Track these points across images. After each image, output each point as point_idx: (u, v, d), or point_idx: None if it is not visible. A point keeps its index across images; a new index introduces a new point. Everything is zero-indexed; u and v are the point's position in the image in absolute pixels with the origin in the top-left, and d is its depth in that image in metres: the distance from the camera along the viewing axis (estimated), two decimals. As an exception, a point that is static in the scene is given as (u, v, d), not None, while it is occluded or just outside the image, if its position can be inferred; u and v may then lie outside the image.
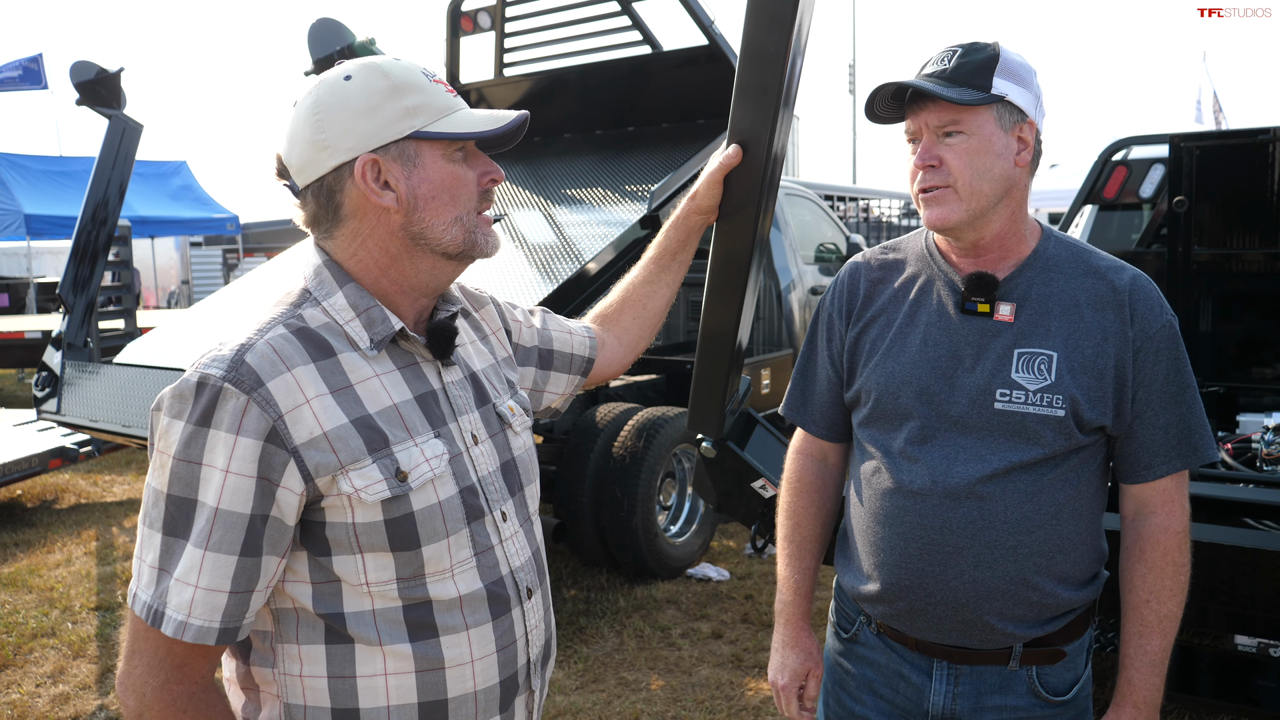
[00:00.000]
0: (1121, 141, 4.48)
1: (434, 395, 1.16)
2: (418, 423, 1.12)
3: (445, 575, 1.12)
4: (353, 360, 1.10)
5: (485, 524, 1.17)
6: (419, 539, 1.09)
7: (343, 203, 1.12)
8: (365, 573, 1.08)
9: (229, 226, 14.14)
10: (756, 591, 4.46)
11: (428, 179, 1.12)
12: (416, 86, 1.12)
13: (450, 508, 1.12)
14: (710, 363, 2.15)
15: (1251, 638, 2.39)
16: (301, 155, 1.11)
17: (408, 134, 1.10)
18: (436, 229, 1.13)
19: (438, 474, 1.12)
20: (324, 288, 1.14)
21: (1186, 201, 3.45)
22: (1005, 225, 1.42)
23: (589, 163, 5.49)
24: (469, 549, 1.14)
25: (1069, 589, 1.43)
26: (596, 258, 4.27)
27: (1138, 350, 1.38)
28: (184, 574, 1.01)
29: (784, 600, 1.68)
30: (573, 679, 3.64)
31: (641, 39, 5.46)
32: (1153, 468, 1.42)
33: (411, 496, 1.09)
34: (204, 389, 1.02)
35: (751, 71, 1.84)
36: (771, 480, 2.46)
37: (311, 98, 1.12)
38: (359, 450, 1.06)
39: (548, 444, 4.64)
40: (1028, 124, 1.39)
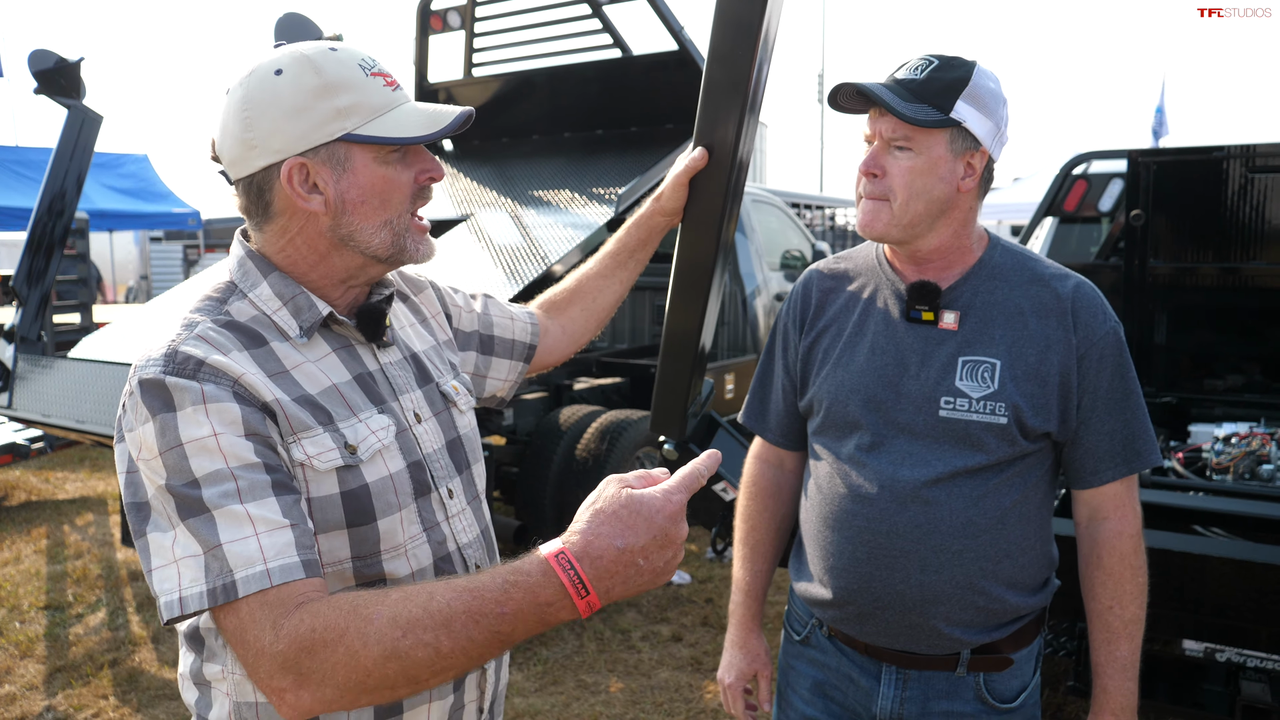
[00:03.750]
0: (1082, 156, 4.56)
1: (371, 375, 1.15)
2: (359, 401, 1.12)
3: (399, 552, 1.11)
4: (285, 349, 1.09)
5: (432, 500, 1.16)
6: (374, 512, 1.08)
7: (271, 201, 1.10)
8: (319, 554, 1.04)
9: (190, 222, 13.91)
10: (717, 595, 4.47)
11: (356, 184, 1.09)
12: (350, 84, 1.07)
13: (400, 480, 1.12)
14: (673, 365, 2.16)
15: (1199, 642, 2.43)
16: (231, 151, 1.09)
17: (338, 136, 1.07)
18: (365, 233, 1.11)
19: (385, 445, 1.11)
20: (248, 279, 1.12)
21: (1144, 215, 3.52)
22: (945, 240, 1.43)
23: (556, 165, 5.48)
24: (418, 524, 1.14)
25: (1017, 594, 1.44)
26: (562, 260, 4.27)
27: (1081, 357, 1.40)
28: (234, 536, 0.95)
29: (736, 601, 1.69)
30: (532, 681, 3.63)
31: (612, 42, 5.47)
32: (1099, 473, 1.44)
33: (363, 468, 1.08)
34: (150, 386, 0.99)
35: (718, 76, 1.85)
36: (732, 483, 2.47)
37: (241, 90, 1.08)
38: (307, 419, 1.05)
39: (510, 446, 4.63)
40: (980, 152, 1.39)
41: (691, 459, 2.49)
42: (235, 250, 1.16)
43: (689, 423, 2.38)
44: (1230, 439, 3.07)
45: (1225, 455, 2.96)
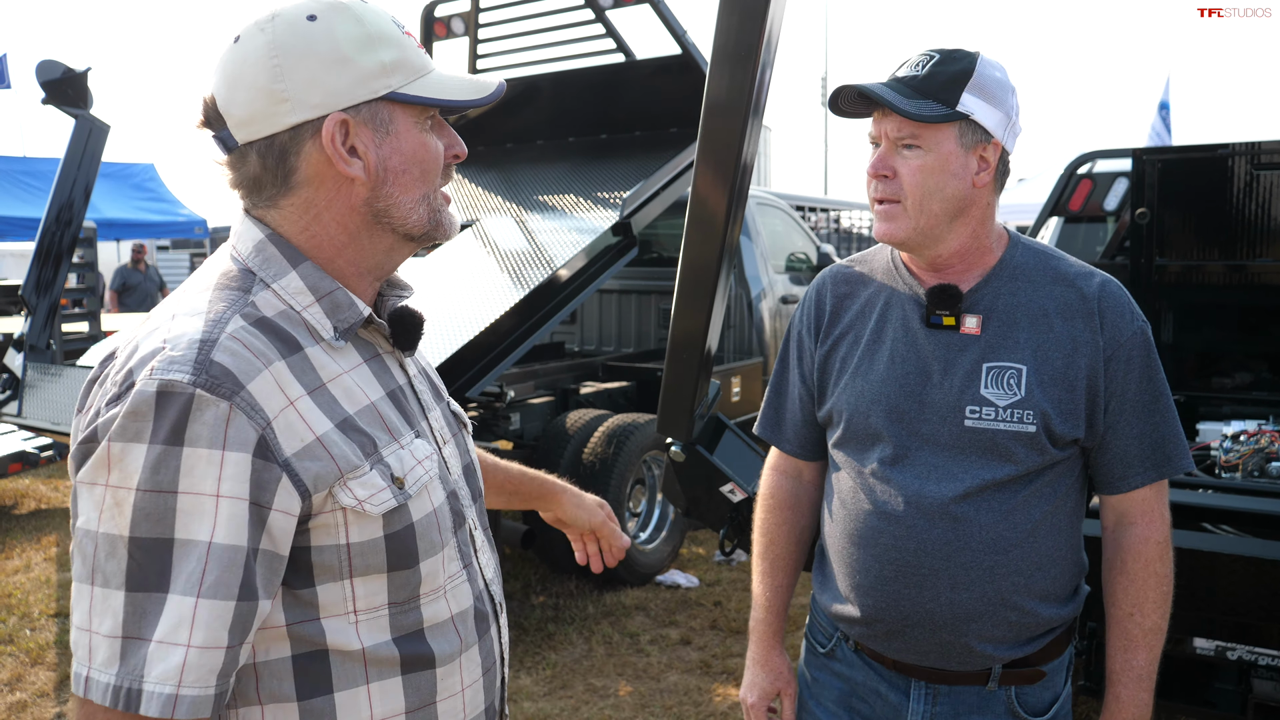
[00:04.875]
0: (1086, 155, 4.55)
1: (402, 391, 1.02)
2: (397, 422, 0.98)
3: (439, 594, 0.99)
4: (319, 355, 0.93)
5: (465, 531, 1.05)
6: (418, 554, 0.95)
7: (297, 167, 0.93)
8: (354, 600, 0.92)
9: (196, 230, 13.96)
10: (725, 598, 4.46)
11: (400, 149, 0.95)
12: (392, 39, 0.95)
13: (442, 515, 0.99)
14: (679, 367, 2.16)
15: (1210, 641, 2.43)
16: (250, 105, 0.91)
17: (382, 94, 0.93)
18: (403, 206, 0.97)
19: (432, 477, 0.99)
20: (271, 267, 0.94)
21: (1149, 213, 3.51)
22: (965, 241, 1.38)
23: (561, 169, 5.50)
24: (458, 561, 1.02)
25: (1049, 607, 1.40)
26: (568, 264, 4.28)
27: (1109, 359, 1.35)
28: (169, 634, 0.80)
29: (756, 618, 1.64)
30: (541, 685, 3.63)
31: (615, 47, 5.48)
32: (1128, 478, 1.39)
33: (411, 505, 0.95)
34: (169, 400, 0.81)
35: (721, 81, 1.86)
36: (740, 484, 2.48)
37: (265, 37, 0.91)
38: (355, 456, 0.91)
39: (517, 450, 4.63)
40: (992, 144, 1.34)
41: (699, 460, 2.50)
42: (248, 231, 0.97)
43: (696, 424, 2.39)
44: (1239, 436, 3.05)
45: (1234, 453, 2.95)
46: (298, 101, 0.91)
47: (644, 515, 4.84)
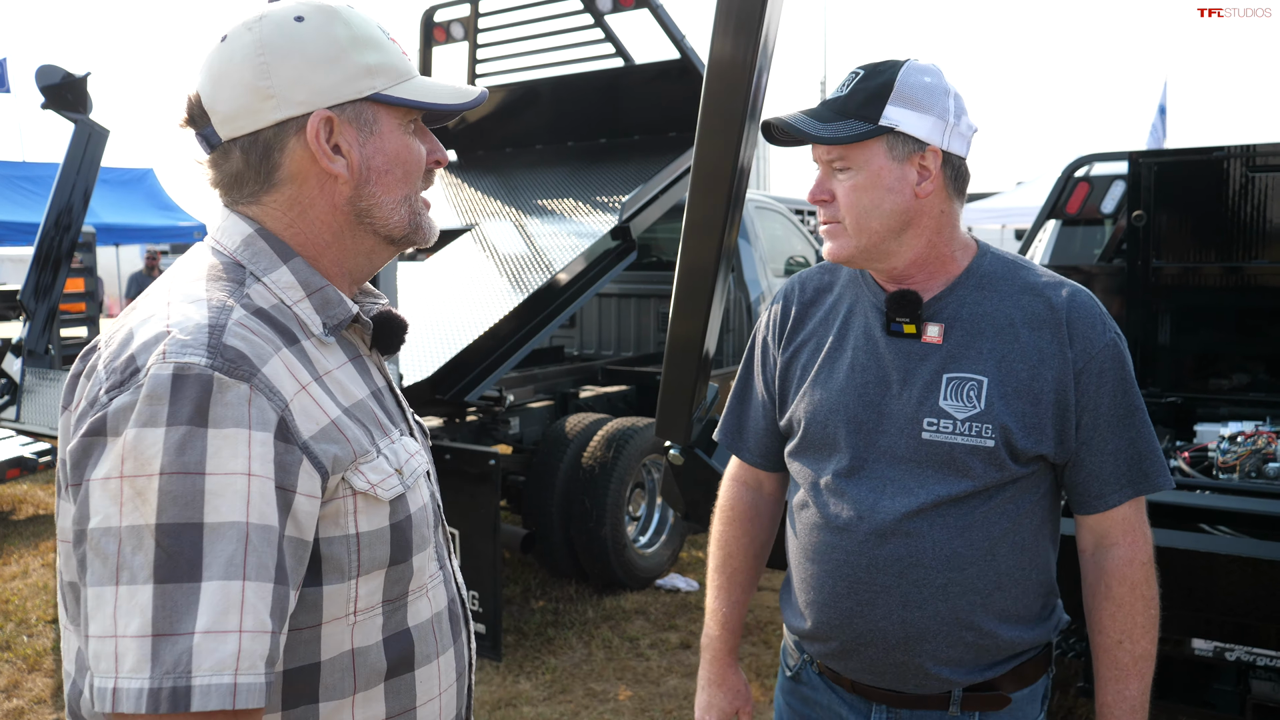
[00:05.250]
0: (1084, 158, 4.57)
1: (382, 393, 1.03)
2: (385, 419, 0.98)
3: (422, 591, 0.99)
4: (312, 349, 0.93)
5: (441, 533, 1.06)
6: (412, 546, 0.96)
7: (281, 164, 0.94)
8: (356, 600, 0.90)
9: (196, 235, 14.00)
10: (725, 601, 4.46)
11: (383, 149, 0.97)
12: (377, 42, 0.97)
13: (429, 510, 1.01)
14: (677, 370, 2.17)
15: (1208, 642, 2.43)
16: (235, 101, 0.92)
17: (367, 95, 0.94)
18: (385, 207, 0.98)
19: (425, 470, 1.00)
20: (261, 261, 0.94)
21: (1145, 216, 3.52)
22: (920, 252, 1.34)
23: (560, 174, 5.51)
24: (436, 560, 1.02)
25: (1011, 628, 1.33)
26: (566, 268, 4.29)
27: (1079, 372, 1.29)
28: (216, 621, 0.75)
29: (710, 635, 1.58)
30: (540, 690, 3.63)
31: (614, 52, 5.49)
32: (1105, 497, 1.32)
33: (409, 496, 0.96)
34: (186, 381, 0.79)
35: (718, 84, 1.87)
36: (739, 487, 2.48)
37: (252, 35, 0.93)
38: (365, 440, 0.92)
39: (517, 454, 4.64)
40: (929, 152, 1.28)
41: (697, 463, 2.51)
42: (235, 226, 0.96)
43: (694, 428, 2.39)
44: (1236, 438, 3.06)
45: (1231, 454, 2.96)
46: (283, 98, 0.92)
47: (644, 519, 4.84)
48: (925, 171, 1.29)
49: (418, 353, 3.72)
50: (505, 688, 3.63)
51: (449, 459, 3.59)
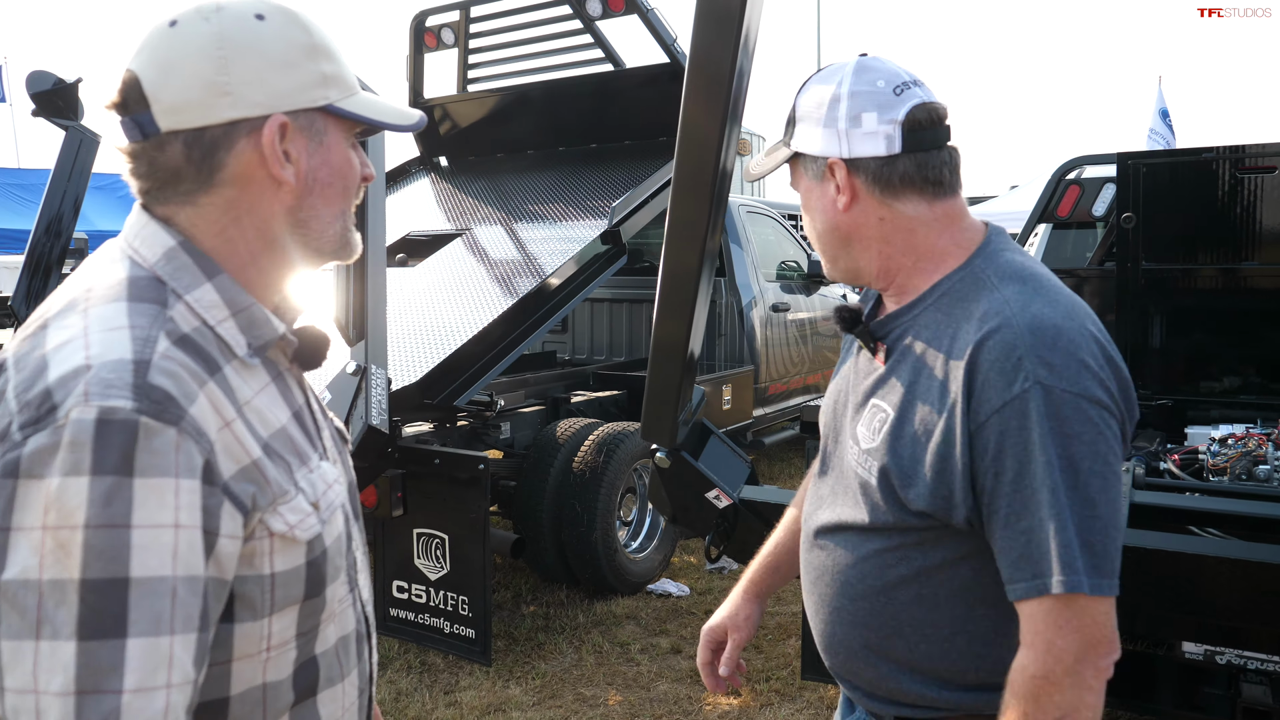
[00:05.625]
0: (1074, 161, 4.57)
1: (303, 412, 0.99)
2: (304, 445, 0.95)
3: (331, 619, 0.96)
4: (233, 375, 0.88)
5: (351, 554, 1.02)
6: (326, 579, 0.93)
7: (225, 164, 0.89)
8: (269, 638, 0.88)
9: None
10: (716, 606, 4.43)
11: (329, 161, 0.94)
12: (333, 53, 0.95)
13: (344, 539, 0.98)
14: (662, 373, 2.16)
15: (1198, 645, 2.42)
16: (186, 93, 0.87)
17: (321, 104, 0.92)
18: (323, 220, 0.95)
19: (341, 501, 0.97)
20: (183, 277, 0.89)
21: (1134, 218, 3.52)
22: (878, 265, 1.25)
23: (551, 179, 5.51)
24: (346, 585, 0.99)
25: (918, 682, 1.21)
26: (556, 273, 4.28)
27: (974, 433, 1.09)
28: (144, 680, 0.73)
29: (750, 565, 1.60)
30: (530, 695, 3.61)
31: (604, 57, 5.49)
32: (1009, 585, 1.10)
33: (325, 530, 0.93)
34: (111, 427, 0.74)
35: (698, 87, 1.86)
36: (726, 491, 2.47)
37: (211, 27, 0.88)
38: (284, 480, 0.88)
39: (508, 459, 4.62)
40: (831, 164, 1.21)
41: (684, 466, 2.49)
42: (156, 236, 0.90)
43: (680, 430, 2.38)
44: (1227, 440, 3.06)
45: (1221, 456, 2.95)
46: (239, 97, 0.88)
47: (635, 524, 4.82)
48: (840, 187, 1.22)
49: (406, 357, 3.71)
50: (494, 693, 3.61)
51: (438, 463, 3.58)
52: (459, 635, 3.67)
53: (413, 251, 4.99)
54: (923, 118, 1.18)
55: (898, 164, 1.19)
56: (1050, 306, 1.11)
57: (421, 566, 3.76)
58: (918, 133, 1.17)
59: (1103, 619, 1.04)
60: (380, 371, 3.15)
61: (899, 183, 1.19)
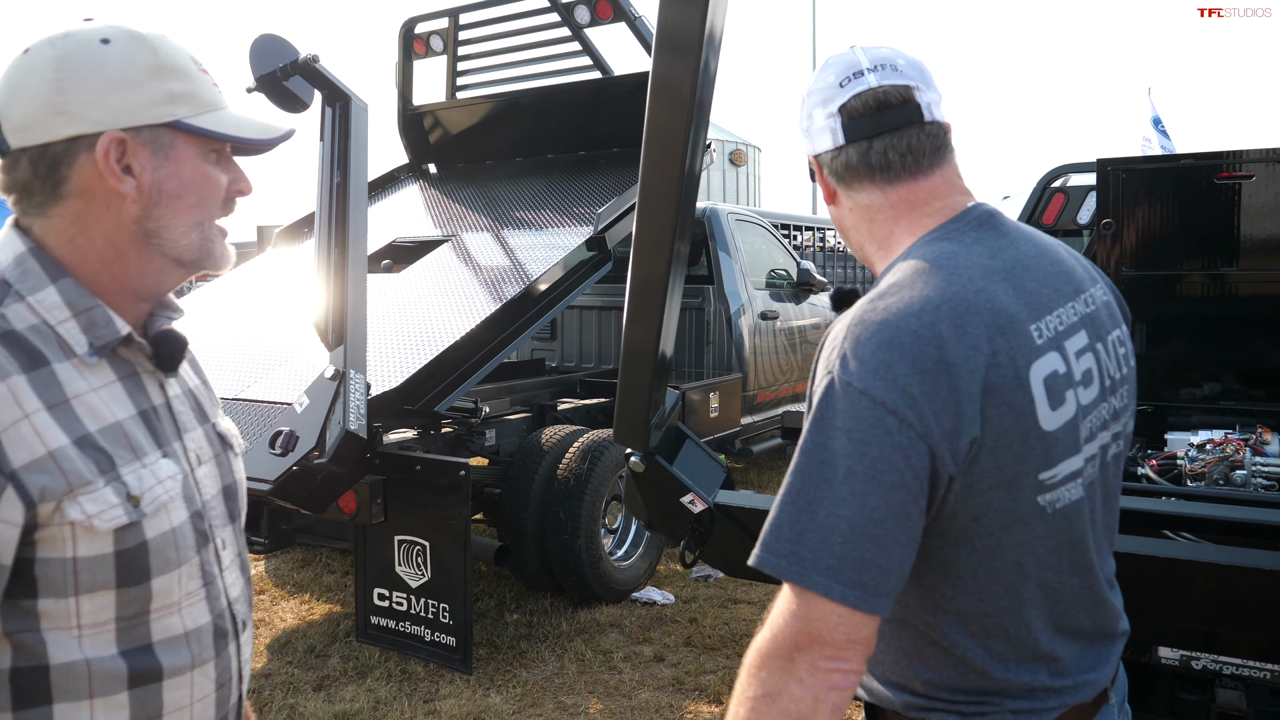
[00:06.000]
0: (1059, 169, 4.58)
1: (155, 411, 1.05)
2: (144, 442, 1.01)
3: (172, 609, 1.02)
4: (67, 372, 0.96)
5: (209, 551, 1.08)
6: (149, 571, 0.98)
7: (68, 178, 0.97)
8: (79, 616, 0.94)
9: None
10: (701, 615, 4.43)
11: (177, 174, 1.01)
12: (184, 72, 1.02)
13: (183, 534, 1.02)
14: (632, 378, 2.16)
15: (1174, 650, 2.41)
16: (27, 113, 0.96)
17: (166, 121, 0.99)
18: (175, 230, 1.02)
19: (171, 497, 1.01)
20: (29, 280, 0.97)
21: (1114, 224, 3.53)
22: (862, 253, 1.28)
23: (539, 186, 5.51)
24: (199, 579, 1.05)
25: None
26: (540, 279, 4.27)
27: None
28: None
29: None
30: (510, 704, 3.59)
31: (593, 64, 5.51)
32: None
33: (145, 523, 0.97)
34: None
35: (662, 92, 1.87)
36: (700, 495, 2.46)
37: (54, 51, 0.97)
38: (89, 472, 0.93)
39: (493, 466, 4.61)
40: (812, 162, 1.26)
41: (658, 470, 2.48)
42: (10, 243, 0.99)
43: (653, 434, 2.37)
44: (1205, 446, 3.06)
45: (1199, 461, 2.95)
46: (75, 115, 0.96)
47: (620, 532, 4.80)
48: (823, 183, 1.26)
49: (387, 363, 3.70)
50: (475, 701, 3.59)
51: (419, 470, 3.56)
52: (440, 643, 3.65)
53: (398, 258, 4.99)
54: (857, 106, 1.17)
55: (842, 154, 1.19)
56: (898, 303, 1.07)
57: (403, 574, 3.74)
58: (855, 120, 1.17)
59: (830, 620, 1.00)
60: (359, 376, 3.14)
61: (847, 173, 1.20)
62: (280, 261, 5.27)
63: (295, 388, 3.29)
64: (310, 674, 3.87)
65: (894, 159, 1.17)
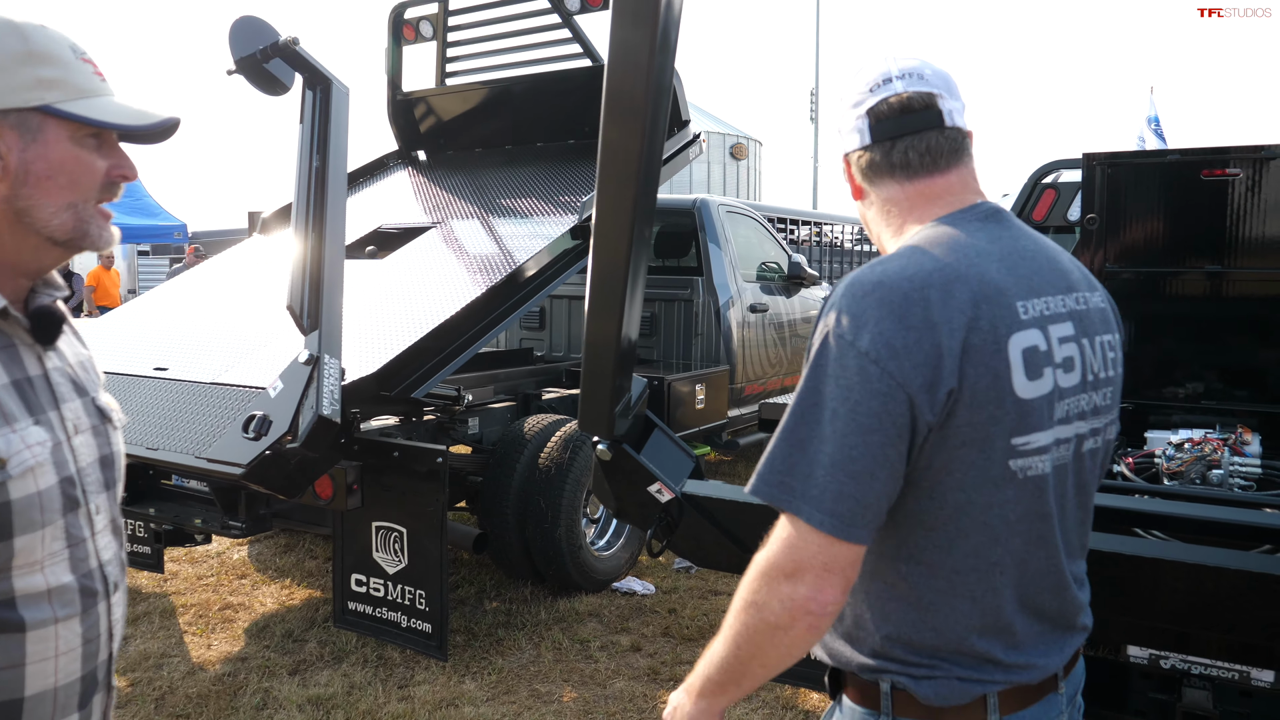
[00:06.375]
0: (1050, 165, 4.55)
1: (31, 381, 1.10)
2: (14, 409, 1.06)
3: (35, 568, 1.07)
4: None
5: (80, 516, 1.13)
6: (12, 529, 1.03)
7: None
8: None
9: (176, 235, 13.89)
10: (680, 606, 4.42)
11: (45, 156, 1.06)
12: (57, 60, 1.07)
13: (49, 498, 1.07)
14: (595, 363, 2.13)
15: (1143, 649, 2.39)
16: None
17: (34, 105, 1.04)
18: (45, 210, 1.07)
19: (39, 461, 1.06)
20: None
21: (1098, 219, 3.50)
22: (881, 243, 1.36)
23: (528, 174, 5.48)
24: (63, 540, 1.10)
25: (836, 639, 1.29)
26: (524, 266, 4.25)
27: None
28: None
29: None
30: (484, 691, 3.58)
31: (583, 51, 5.47)
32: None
33: (10, 485, 1.03)
34: None
35: (619, 71, 1.84)
36: (668, 484, 2.44)
37: None
38: None
39: (475, 454, 4.59)
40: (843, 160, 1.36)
41: (625, 459, 2.46)
42: None
43: (619, 422, 2.35)
44: (1183, 445, 3.04)
45: (1176, 460, 2.94)
46: None
47: (602, 522, 4.79)
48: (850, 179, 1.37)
49: (364, 349, 3.68)
50: (449, 688, 3.58)
51: (397, 456, 3.54)
52: (415, 629, 3.64)
53: (383, 245, 4.97)
54: (883, 109, 1.28)
55: (868, 153, 1.30)
56: (894, 268, 1.17)
57: (380, 560, 3.73)
58: (881, 122, 1.28)
59: (812, 547, 1.12)
60: (334, 361, 3.12)
61: (871, 169, 1.31)
62: (264, 247, 5.24)
63: (272, 373, 3.26)
64: (286, 658, 3.86)
65: (913, 158, 1.28)
